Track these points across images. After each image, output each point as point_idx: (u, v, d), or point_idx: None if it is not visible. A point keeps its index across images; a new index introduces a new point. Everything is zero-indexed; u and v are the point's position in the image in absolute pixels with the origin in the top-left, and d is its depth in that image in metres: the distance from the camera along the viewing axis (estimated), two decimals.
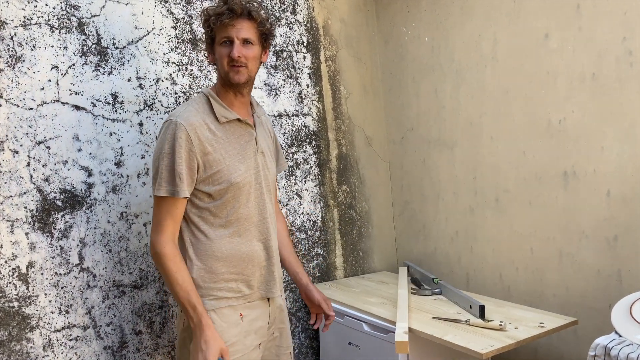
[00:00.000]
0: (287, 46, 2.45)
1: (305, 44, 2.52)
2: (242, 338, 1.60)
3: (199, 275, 1.58)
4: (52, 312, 1.79)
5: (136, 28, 2.00)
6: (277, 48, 2.41)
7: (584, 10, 1.90)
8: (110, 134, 1.93)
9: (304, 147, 2.49)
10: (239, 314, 1.61)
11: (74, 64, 1.86)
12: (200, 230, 1.60)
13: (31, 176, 1.76)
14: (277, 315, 1.74)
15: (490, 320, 1.79)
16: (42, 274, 1.77)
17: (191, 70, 2.13)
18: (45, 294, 1.78)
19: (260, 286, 1.66)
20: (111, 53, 1.94)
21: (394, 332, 1.78)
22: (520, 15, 2.10)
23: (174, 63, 2.09)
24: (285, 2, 2.45)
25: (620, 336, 1.43)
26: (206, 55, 1.69)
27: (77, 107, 1.86)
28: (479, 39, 2.26)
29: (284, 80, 2.43)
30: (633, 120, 1.78)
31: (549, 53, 2.01)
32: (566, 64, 1.96)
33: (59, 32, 1.83)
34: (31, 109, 1.77)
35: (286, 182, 2.41)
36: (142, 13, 2.02)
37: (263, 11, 1.65)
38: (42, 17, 1.80)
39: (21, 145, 1.75)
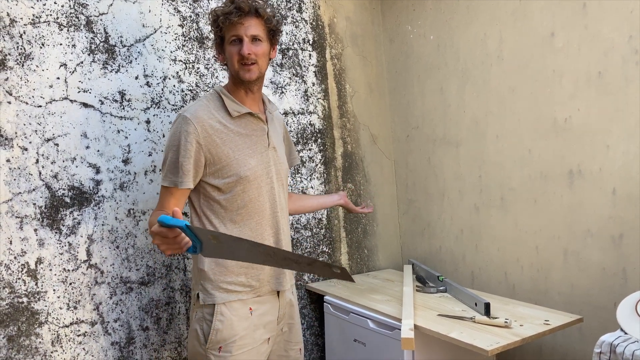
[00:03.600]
0: (292, 44, 2.46)
1: (310, 42, 2.52)
2: (251, 332, 1.62)
3: (210, 268, 1.62)
4: (61, 308, 1.80)
5: (143, 26, 2.01)
6: (283, 46, 2.42)
7: (589, 9, 1.90)
8: (118, 132, 1.94)
9: (310, 145, 2.50)
10: (248, 307, 1.63)
11: (82, 62, 1.87)
12: (211, 223, 1.63)
13: (40, 173, 1.78)
14: (287, 310, 1.76)
15: (496, 318, 1.80)
16: (50, 270, 1.79)
17: (198, 68, 2.14)
18: (54, 290, 1.79)
19: (270, 280, 1.68)
20: (119, 51, 1.95)
21: (400, 329, 1.79)
22: (525, 13, 2.10)
23: (181, 61, 2.10)
24: (291, 1, 2.45)
25: (625, 334, 1.43)
26: (216, 56, 1.71)
27: (85, 105, 1.87)
28: (484, 38, 2.27)
29: (290, 78, 2.44)
30: (638, 118, 1.78)
31: (555, 52, 2.01)
32: (572, 62, 1.96)
33: (68, 30, 1.84)
34: (40, 106, 1.78)
35: (292, 179, 2.42)
36: (150, 11, 2.03)
37: (269, 9, 1.67)
38: (50, 15, 1.81)
39: (30, 142, 1.76)
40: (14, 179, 1.73)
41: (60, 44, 1.83)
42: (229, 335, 1.59)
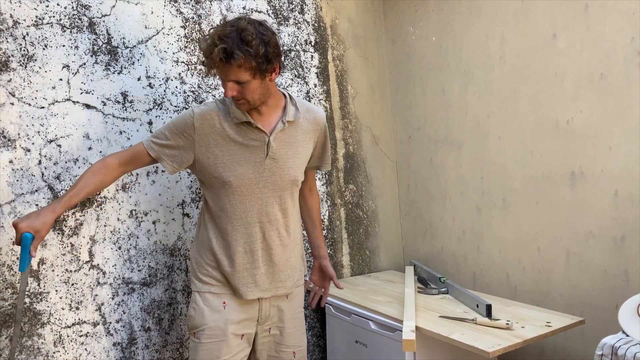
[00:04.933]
0: (294, 45, 2.46)
1: (313, 44, 2.53)
2: (222, 324, 1.67)
3: (194, 257, 1.74)
4: (63, 309, 1.81)
5: (146, 27, 2.02)
6: (285, 47, 2.42)
7: (592, 10, 1.90)
8: (120, 133, 1.95)
9: None
10: (222, 301, 1.69)
11: (84, 63, 1.87)
12: (204, 218, 1.74)
13: (42, 174, 1.79)
14: (275, 314, 1.76)
15: (497, 320, 1.80)
16: (53, 270, 1.79)
17: (200, 69, 2.15)
18: (56, 291, 1.80)
19: (239, 288, 1.69)
20: (121, 52, 1.96)
21: (401, 331, 1.79)
22: (528, 15, 2.10)
23: (183, 62, 2.11)
24: (294, 2, 2.46)
25: (627, 336, 1.43)
26: None
27: (88, 106, 1.88)
28: (486, 39, 2.27)
29: (292, 79, 2.44)
30: None
31: (557, 53, 2.01)
32: (574, 64, 1.96)
33: (70, 32, 1.85)
34: (42, 107, 1.79)
35: None
36: (152, 13, 2.03)
37: (254, 38, 1.49)
38: (53, 16, 1.82)
39: (33, 143, 1.77)
40: (17, 180, 1.74)
41: (63, 46, 1.83)
42: (199, 323, 1.68)
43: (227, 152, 1.64)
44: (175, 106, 2.07)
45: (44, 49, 1.79)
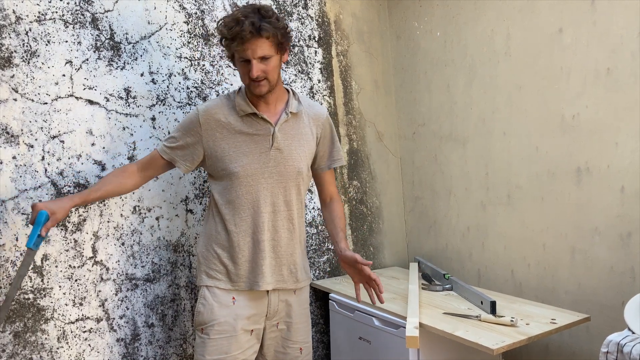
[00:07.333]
0: (298, 41, 2.45)
1: (316, 39, 2.51)
2: (232, 320, 1.68)
3: (201, 252, 1.76)
4: (66, 304, 1.81)
5: (149, 23, 2.01)
6: None
7: (598, 5, 1.88)
8: (123, 129, 1.94)
9: None
10: (231, 297, 1.71)
11: (87, 59, 1.87)
12: (212, 212, 1.76)
13: (46, 170, 1.78)
14: (283, 309, 1.77)
15: (502, 316, 1.79)
16: (56, 266, 1.79)
17: (203, 65, 2.14)
18: (60, 286, 1.80)
19: (246, 279, 1.71)
20: (124, 48, 1.95)
21: (405, 327, 1.78)
22: (533, 10, 2.08)
23: (186, 58, 2.10)
24: None
25: (633, 333, 1.42)
26: (229, 63, 1.75)
27: (91, 102, 1.88)
28: (491, 34, 2.25)
29: (295, 75, 2.43)
30: None
31: (563, 48, 1.99)
32: (580, 59, 1.94)
33: (73, 27, 1.84)
34: (45, 103, 1.79)
35: None
36: (155, 8, 2.03)
37: (273, 18, 1.60)
38: (56, 12, 1.81)
39: (36, 139, 1.77)
40: (20, 176, 1.74)
41: (66, 41, 1.83)
42: (208, 318, 1.69)
43: (233, 145, 1.68)
44: (179, 102, 2.07)
45: (46, 44, 1.79)
